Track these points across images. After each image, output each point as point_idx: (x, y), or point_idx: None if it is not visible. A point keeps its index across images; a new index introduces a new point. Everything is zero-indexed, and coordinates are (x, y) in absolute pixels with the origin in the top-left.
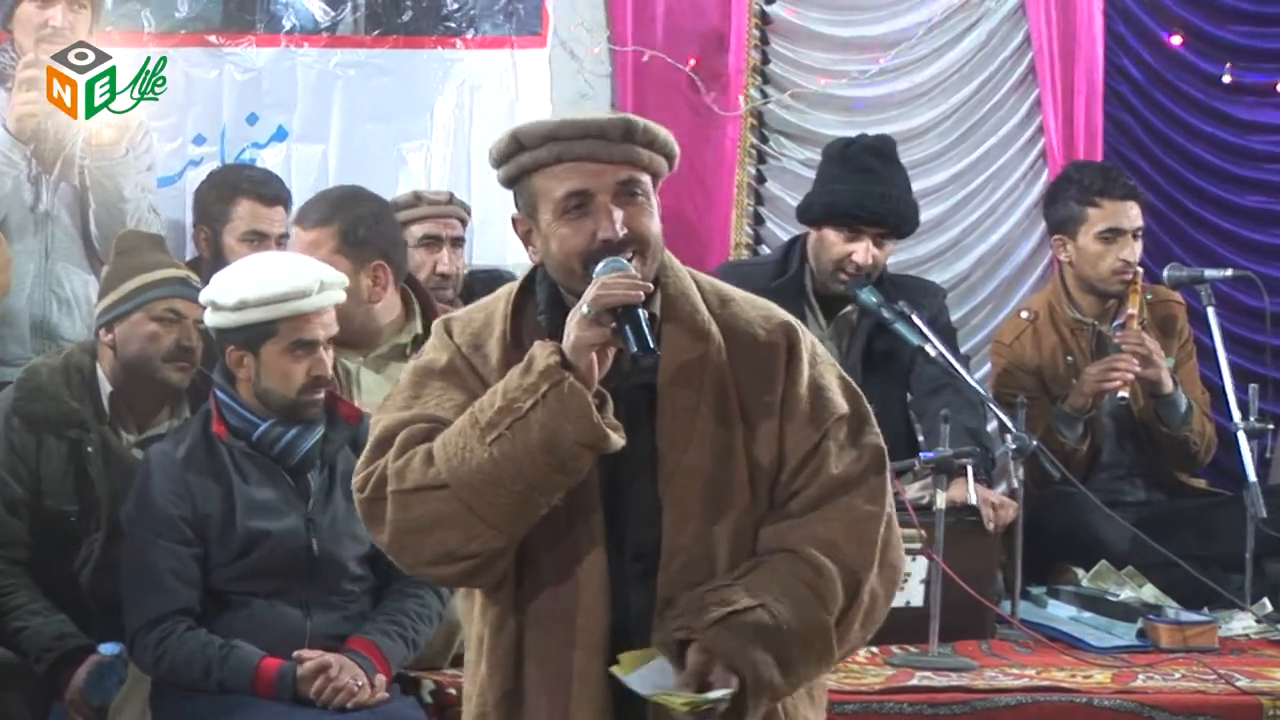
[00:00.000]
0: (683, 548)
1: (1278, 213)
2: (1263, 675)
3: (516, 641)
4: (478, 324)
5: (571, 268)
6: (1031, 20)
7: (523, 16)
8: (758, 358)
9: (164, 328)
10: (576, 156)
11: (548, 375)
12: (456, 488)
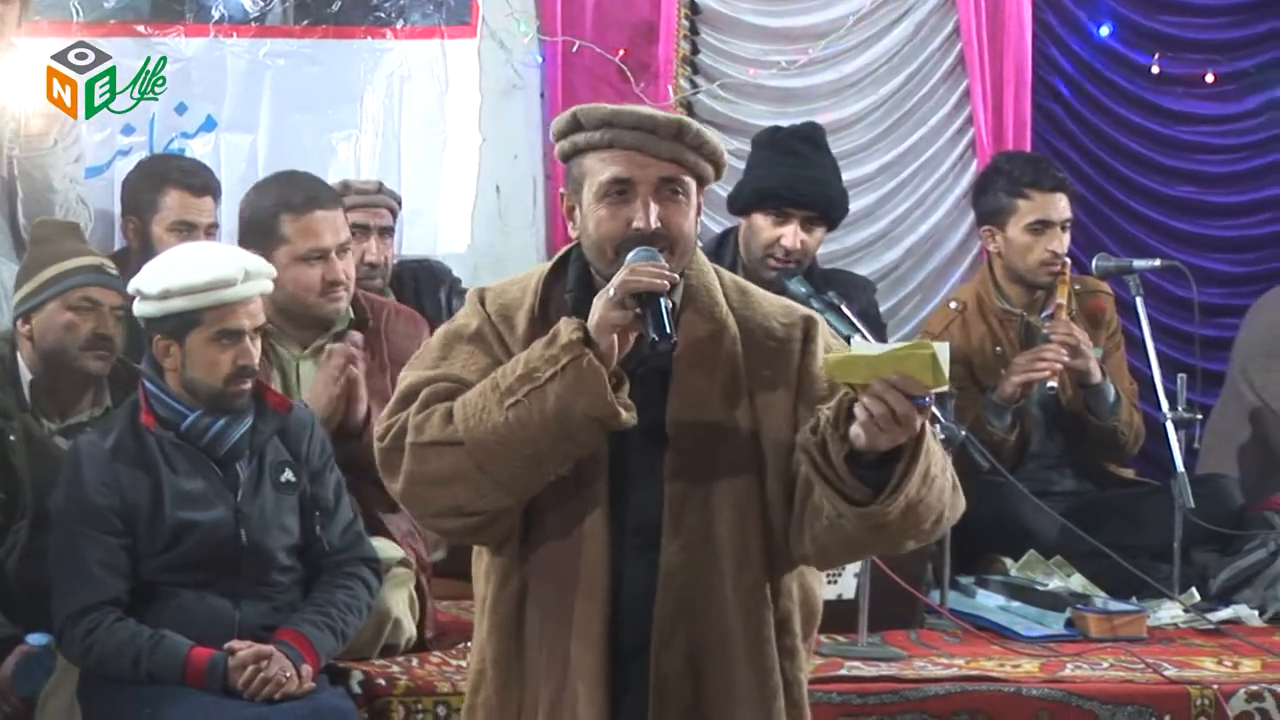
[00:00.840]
0: (684, 526)
1: (1206, 203)
2: (1190, 665)
3: (520, 598)
4: (509, 296)
5: (604, 250)
6: (960, 11)
7: (452, 6)
8: (772, 348)
9: (80, 316)
10: (626, 145)
11: (569, 349)
12: (471, 446)
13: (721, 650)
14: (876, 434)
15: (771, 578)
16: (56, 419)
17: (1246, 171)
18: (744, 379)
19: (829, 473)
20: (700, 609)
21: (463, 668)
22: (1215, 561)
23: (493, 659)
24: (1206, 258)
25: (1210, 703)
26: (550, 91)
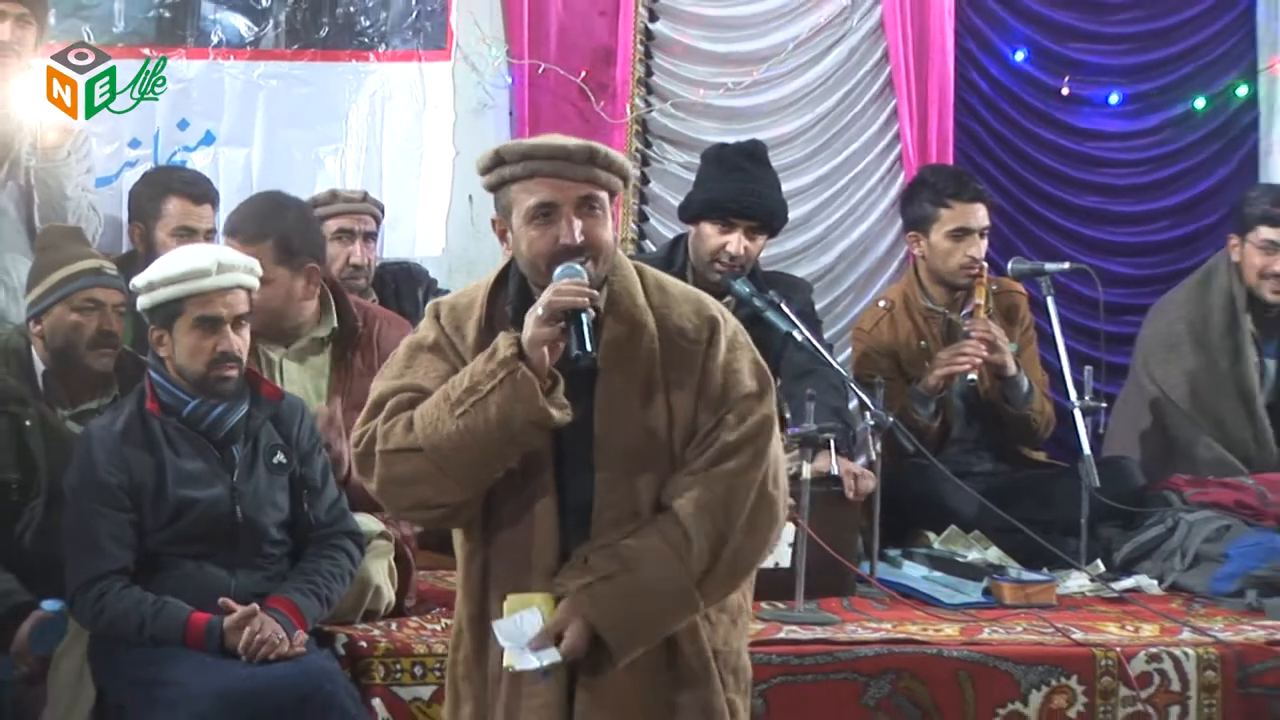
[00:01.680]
0: (611, 504)
1: (1111, 212)
2: (1095, 629)
3: (484, 571)
4: (460, 308)
5: (537, 265)
6: (889, 38)
7: (429, 32)
8: (684, 348)
9: (85, 317)
10: (546, 174)
11: (505, 365)
12: (429, 451)
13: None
14: None
15: None
16: (68, 406)
17: (1147, 184)
18: (659, 376)
19: None
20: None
21: (437, 631)
22: (1118, 536)
23: (467, 621)
24: (1111, 261)
25: (1113, 663)
26: (518, 110)
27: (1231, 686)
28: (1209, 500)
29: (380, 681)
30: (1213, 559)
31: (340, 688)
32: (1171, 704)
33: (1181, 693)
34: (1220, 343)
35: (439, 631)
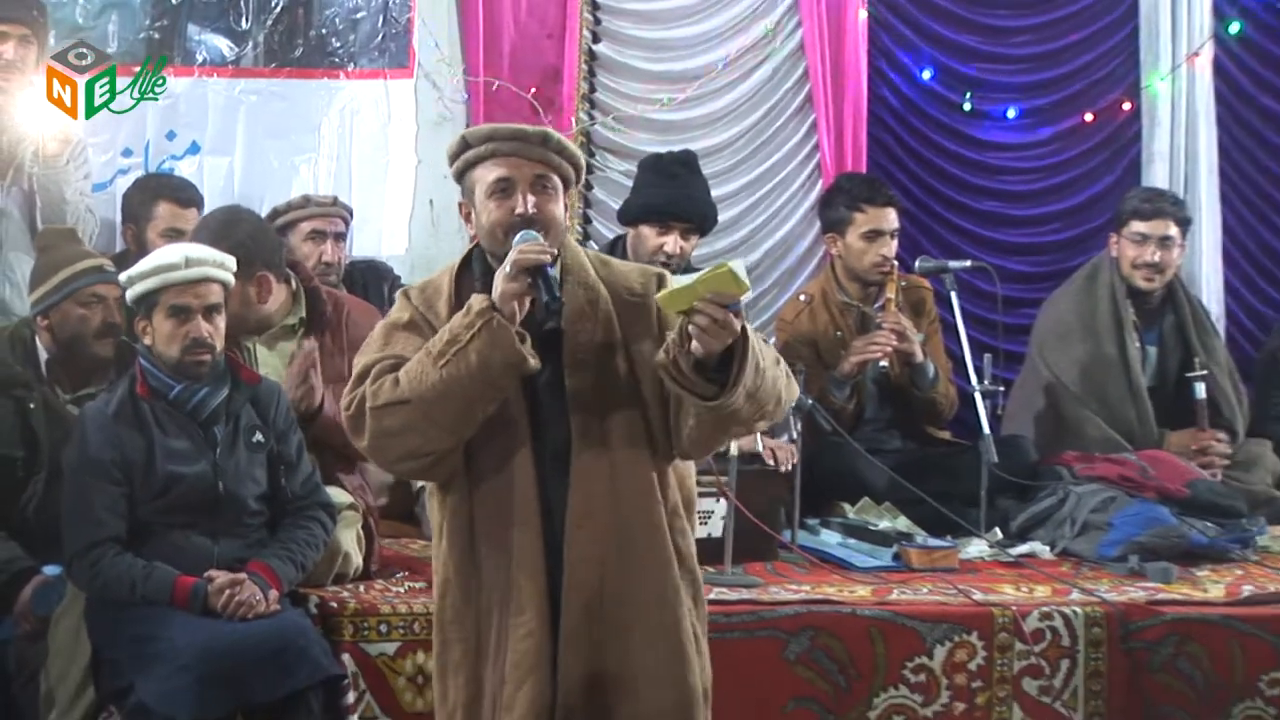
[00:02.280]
0: (586, 446)
1: (1008, 215)
2: (994, 590)
3: (469, 521)
4: (429, 290)
5: (496, 234)
6: (809, 59)
7: (394, 52)
8: (635, 303)
9: (90, 310)
10: (505, 153)
11: (482, 315)
12: (416, 402)
13: (621, 533)
14: (709, 341)
15: (659, 478)
16: (69, 390)
17: (1040, 190)
18: (618, 334)
19: (684, 380)
20: (602, 506)
21: (400, 593)
22: (1014, 507)
23: (454, 570)
24: (1008, 259)
25: (1010, 621)
26: (474, 122)
27: (1115, 642)
28: (1096, 474)
29: (349, 638)
30: (1099, 527)
31: (313, 643)
32: (1062, 658)
33: (1071, 647)
34: (1106, 332)
35: (402, 593)
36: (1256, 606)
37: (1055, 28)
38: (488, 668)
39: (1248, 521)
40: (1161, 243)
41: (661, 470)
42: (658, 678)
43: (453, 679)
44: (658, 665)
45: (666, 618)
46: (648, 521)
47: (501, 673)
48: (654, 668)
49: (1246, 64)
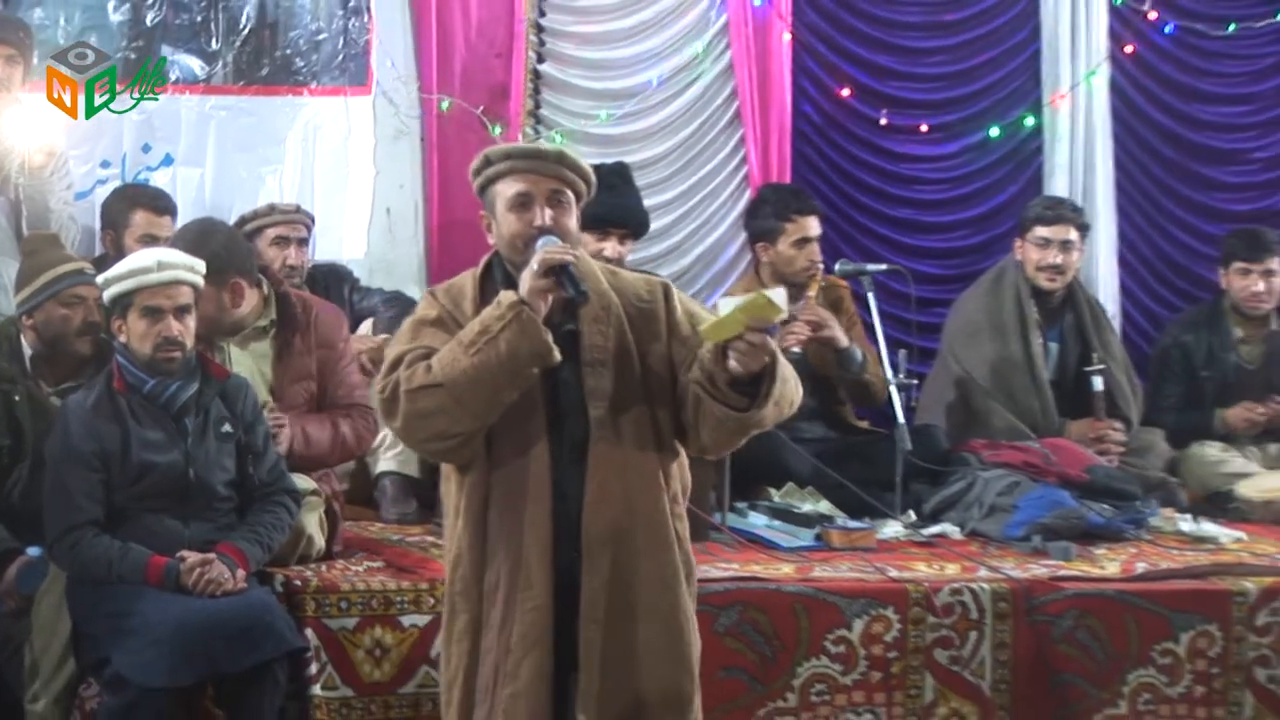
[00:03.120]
0: (602, 437)
1: (921, 222)
2: (908, 568)
3: (484, 501)
4: (455, 291)
5: (515, 244)
6: (737, 77)
7: (353, 71)
8: (643, 307)
9: (72, 310)
10: (523, 170)
11: (513, 307)
12: (448, 386)
13: (631, 518)
14: (749, 362)
15: (663, 468)
16: (52, 384)
17: (951, 198)
18: (629, 333)
19: (719, 395)
20: (615, 492)
21: (360, 572)
22: (927, 491)
23: (467, 545)
24: (921, 262)
25: (923, 596)
26: (428, 136)
27: (1020, 616)
28: (1002, 461)
29: (312, 614)
30: (1005, 509)
31: (278, 618)
32: (971, 630)
33: (979, 620)
34: (1011, 330)
35: (361, 572)
36: (1149, 582)
37: (964, 49)
38: (492, 637)
39: (1141, 504)
40: (1063, 247)
41: (665, 462)
42: (660, 653)
43: (456, 646)
44: (660, 642)
45: (669, 598)
46: (654, 508)
47: (507, 643)
48: (657, 644)
49: (1140, 83)
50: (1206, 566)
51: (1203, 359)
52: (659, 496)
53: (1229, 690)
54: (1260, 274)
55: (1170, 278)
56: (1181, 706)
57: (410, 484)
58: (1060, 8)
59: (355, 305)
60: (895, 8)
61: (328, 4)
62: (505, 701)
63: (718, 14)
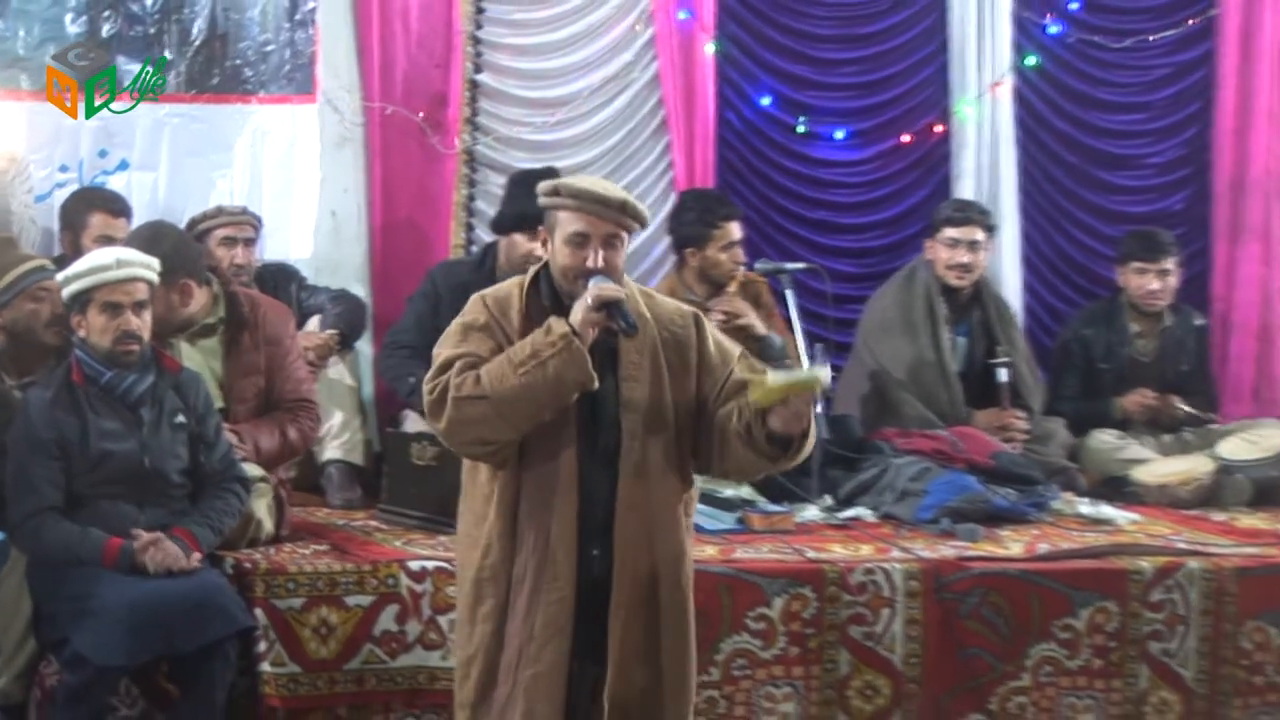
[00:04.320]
0: (632, 449)
1: (837, 223)
2: (824, 549)
3: (516, 497)
4: (502, 299)
5: (567, 275)
6: (664, 88)
7: (299, 81)
8: (677, 333)
9: (40, 304)
10: (587, 212)
11: (564, 338)
12: (493, 400)
13: (654, 524)
14: (792, 425)
15: (681, 480)
16: (15, 378)
17: (864, 201)
18: (661, 358)
19: (756, 446)
20: (641, 499)
21: (307, 555)
22: (843, 476)
23: (497, 535)
24: (837, 261)
25: (838, 576)
26: (371, 143)
27: (930, 593)
28: (913, 448)
29: (261, 594)
30: (915, 494)
31: (229, 599)
32: (883, 607)
33: (891, 598)
34: (922, 325)
35: (308, 555)
36: (1051, 562)
37: (876, 60)
38: (517, 624)
39: (1043, 488)
40: (970, 246)
41: (683, 475)
42: (672, 648)
43: (480, 626)
44: (672, 637)
45: (679, 597)
46: (672, 516)
47: (531, 629)
48: (670, 639)
49: (1043, 92)
50: (1104, 547)
51: (1101, 352)
52: (676, 506)
53: (1125, 663)
54: (1156, 273)
55: (1071, 275)
56: (1081, 678)
57: (355, 471)
58: (966, 22)
59: (303, 303)
60: (812, 21)
61: (275, 17)
62: (527, 681)
63: (645, 27)
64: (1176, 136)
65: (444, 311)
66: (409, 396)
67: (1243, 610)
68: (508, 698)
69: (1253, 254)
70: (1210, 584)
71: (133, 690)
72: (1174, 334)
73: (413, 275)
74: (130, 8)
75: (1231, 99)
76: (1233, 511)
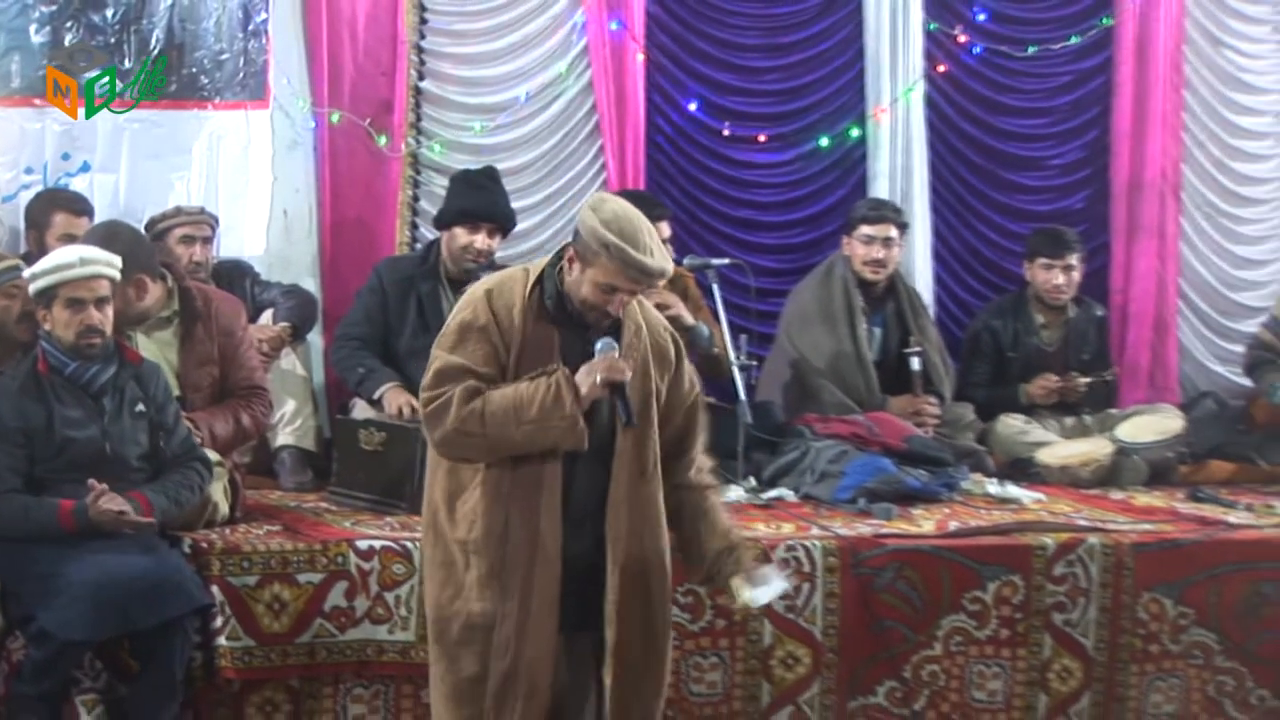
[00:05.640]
0: (626, 437)
1: (760, 221)
2: (748, 527)
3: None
4: (504, 298)
5: (586, 305)
6: (597, 94)
7: (253, 87)
8: (661, 344)
9: (12, 301)
10: (627, 275)
11: (571, 418)
12: (492, 440)
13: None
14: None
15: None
16: None
17: (785, 200)
18: (650, 362)
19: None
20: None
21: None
22: (766, 459)
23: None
24: (760, 257)
25: (762, 553)
26: (320, 146)
27: (847, 569)
28: (831, 432)
29: (217, 573)
30: (834, 475)
31: (186, 577)
32: (804, 581)
33: (811, 573)
34: (840, 316)
35: (261, 535)
36: (960, 539)
37: (797, 68)
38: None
39: (953, 470)
40: (885, 243)
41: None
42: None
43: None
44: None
45: (665, 583)
46: (656, 508)
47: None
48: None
49: (952, 98)
50: (1010, 524)
51: (1009, 342)
52: (659, 498)
53: (1030, 633)
54: (1061, 269)
55: (979, 270)
56: (989, 647)
57: (306, 456)
58: (881, 32)
59: (256, 297)
60: (736, 31)
61: (229, 27)
62: (527, 655)
63: (579, 37)
64: (1077, 140)
65: (390, 304)
66: (358, 386)
67: (1139, 583)
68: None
69: (1149, 250)
70: (1109, 558)
71: (96, 664)
72: (1077, 325)
73: (361, 271)
74: (92, 18)
75: (1128, 104)
76: (1130, 490)
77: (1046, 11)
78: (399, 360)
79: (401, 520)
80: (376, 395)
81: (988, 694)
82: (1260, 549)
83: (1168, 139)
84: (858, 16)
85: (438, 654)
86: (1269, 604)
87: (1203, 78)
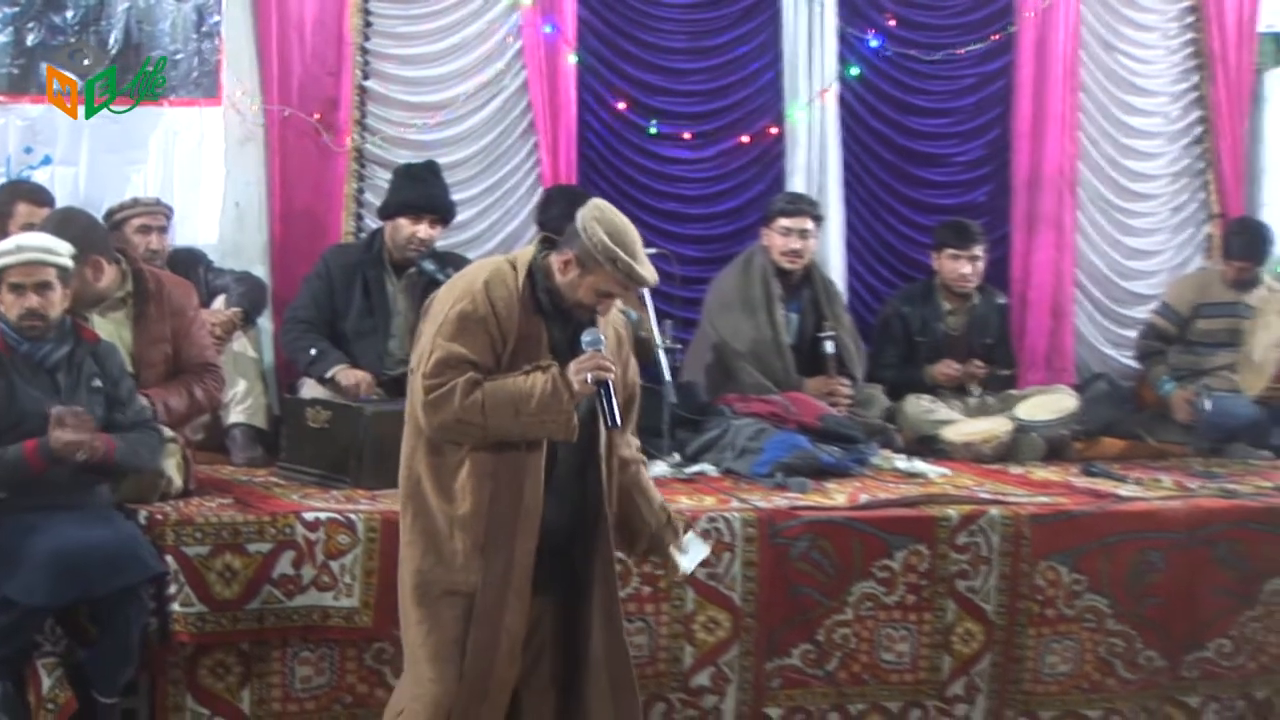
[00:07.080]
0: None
1: (685, 213)
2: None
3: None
4: (501, 290)
5: (579, 303)
6: (531, 93)
7: (206, 86)
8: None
9: None
10: (626, 286)
11: (567, 415)
12: (489, 429)
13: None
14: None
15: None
16: None
17: (709, 194)
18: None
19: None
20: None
21: (213, 507)
22: (689, 437)
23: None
24: (685, 247)
25: (685, 524)
26: (271, 141)
27: (765, 539)
28: (751, 411)
29: (171, 543)
30: (753, 451)
31: (142, 547)
32: (724, 551)
33: (731, 543)
34: (759, 303)
35: (213, 507)
36: (870, 510)
37: (719, 70)
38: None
39: (864, 446)
40: (801, 234)
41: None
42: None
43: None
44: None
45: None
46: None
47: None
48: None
49: (864, 98)
50: (917, 497)
51: (917, 327)
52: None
53: (935, 599)
54: (967, 259)
55: (889, 259)
56: (896, 612)
57: (257, 433)
58: (797, 36)
59: (209, 283)
60: (662, 35)
61: (184, 28)
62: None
63: (514, 40)
64: (980, 138)
65: (336, 289)
66: (309, 367)
67: (1036, 552)
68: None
69: (1047, 241)
70: (1009, 529)
71: (56, 629)
72: (980, 311)
73: (309, 259)
74: (53, 19)
75: (1027, 105)
76: (1028, 465)
77: (953, 18)
78: (345, 341)
79: (346, 494)
80: (328, 375)
81: (896, 655)
82: (1148, 519)
83: (1065, 138)
84: (776, 21)
85: (420, 615)
86: (1156, 571)
87: (1098, 81)
